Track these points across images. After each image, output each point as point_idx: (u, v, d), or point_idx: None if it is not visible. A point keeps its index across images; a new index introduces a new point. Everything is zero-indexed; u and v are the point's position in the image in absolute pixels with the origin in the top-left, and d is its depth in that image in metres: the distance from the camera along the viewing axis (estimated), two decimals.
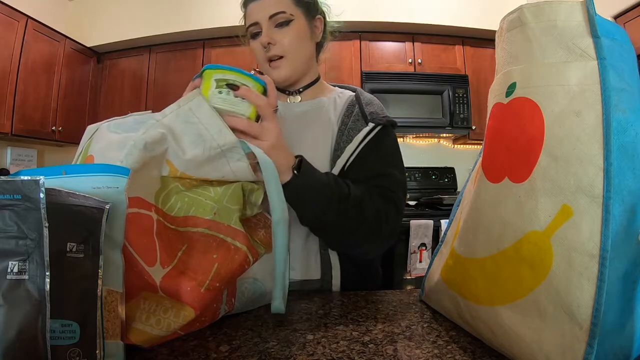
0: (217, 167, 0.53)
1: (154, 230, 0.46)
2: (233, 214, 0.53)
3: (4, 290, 0.30)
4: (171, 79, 2.72)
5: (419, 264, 2.07)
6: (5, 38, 2.17)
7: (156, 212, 0.48)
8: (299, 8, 0.74)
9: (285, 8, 0.72)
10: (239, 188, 0.55)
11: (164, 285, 0.45)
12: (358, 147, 0.73)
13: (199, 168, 0.52)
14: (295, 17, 0.73)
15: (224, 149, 0.52)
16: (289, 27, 0.73)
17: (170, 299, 0.46)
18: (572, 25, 0.40)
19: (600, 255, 0.34)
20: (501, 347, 0.43)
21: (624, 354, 0.37)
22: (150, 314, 0.45)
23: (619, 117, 0.37)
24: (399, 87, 2.53)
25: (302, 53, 0.76)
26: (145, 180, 0.48)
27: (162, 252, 0.46)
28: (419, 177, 2.78)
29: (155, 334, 0.45)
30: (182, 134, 0.51)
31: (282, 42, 0.73)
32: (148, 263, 0.44)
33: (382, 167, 0.74)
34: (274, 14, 0.71)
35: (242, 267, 0.52)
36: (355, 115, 0.77)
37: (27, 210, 0.32)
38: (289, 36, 0.73)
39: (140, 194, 0.46)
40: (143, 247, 0.44)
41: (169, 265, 0.46)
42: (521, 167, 0.42)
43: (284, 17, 0.72)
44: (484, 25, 2.54)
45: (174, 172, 0.51)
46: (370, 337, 0.49)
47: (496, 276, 0.43)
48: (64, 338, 0.34)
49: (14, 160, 2.55)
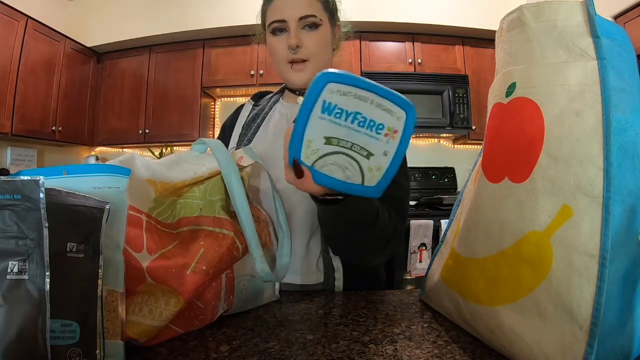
0: (184, 167, 0.57)
1: (143, 226, 0.48)
2: (215, 204, 0.55)
3: (4, 290, 0.30)
4: (171, 79, 2.72)
5: (419, 264, 2.07)
6: (5, 38, 2.17)
7: (147, 217, 0.50)
8: (326, 13, 0.74)
9: (315, 12, 0.71)
10: (219, 180, 0.57)
11: (150, 269, 0.45)
12: None
13: (169, 170, 0.56)
14: (323, 22, 0.73)
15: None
16: (317, 31, 0.72)
17: (160, 286, 0.46)
18: (572, 25, 0.40)
19: (600, 255, 0.34)
20: (501, 347, 0.43)
21: (624, 354, 0.37)
22: (143, 304, 0.46)
23: (619, 117, 0.37)
24: (399, 87, 2.50)
25: (325, 58, 0.75)
26: (131, 193, 0.50)
27: (150, 242, 0.47)
28: (419, 177, 2.78)
29: (148, 324, 0.45)
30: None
31: (308, 45, 0.71)
32: (135, 249, 0.45)
33: None
34: (306, 16, 0.70)
35: (230, 252, 0.53)
36: None
37: (27, 210, 0.32)
38: (315, 40, 0.72)
39: (129, 202, 0.48)
40: (130, 236, 0.45)
41: (155, 253, 0.47)
42: (521, 167, 0.42)
43: (314, 21, 0.71)
44: (484, 25, 2.54)
45: (155, 184, 0.54)
46: (370, 337, 0.49)
47: (496, 276, 0.43)
48: (64, 338, 0.34)
49: (14, 160, 2.55)
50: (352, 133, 0.42)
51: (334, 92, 0.40)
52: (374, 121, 0.42)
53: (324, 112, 0.41)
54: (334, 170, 0.44)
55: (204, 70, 2.69)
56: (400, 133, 0.43)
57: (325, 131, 0.42)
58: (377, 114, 0.42)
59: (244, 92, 2.82)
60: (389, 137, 0.43)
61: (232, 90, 2.80)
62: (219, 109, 3.01)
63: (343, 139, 0.43)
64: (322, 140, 0.43)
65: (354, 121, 0.42)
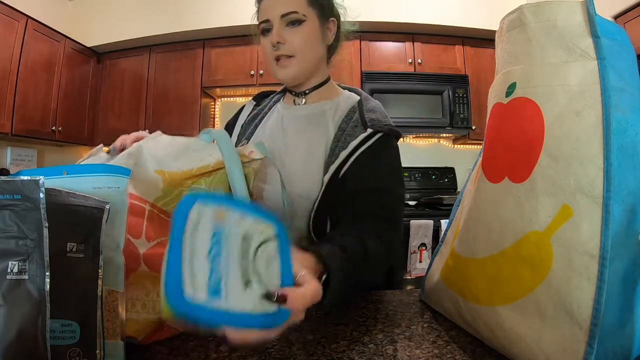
0: (191, 156, 0.57)
1: (145, 215, 0.48)
2: None
3: (4, 290, 0.30)
4: (171, 79, 2.72)
5: (419, 264, 2.07)
6: (5, 38, 2.17)
7: (151, 206, 0.50)
8: (313, 9, 0.74)
9: (298, 8, 0.71)
10: (224, 174, 0.58)
11: (146, 255, 0.46)
12: (354, 154, 0.70)
13: (176, 160, 0.56)
14: (307, 17, 0.72)
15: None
16: (300, 27, 0.72)
17: (151, 275, 0.46)
18: (572, 25, 0.40)
19: (600, 256, 0.34)
20: (501, 347, 0.43)
21: (624, 354, 0.37)
22: (135, 300, 0.46)
23: (619, 117, 0.37)
24: (399, 87, 2.53)
25: (312, 54, 0.75)
26: (139, 183, 0.50)
27: (149, 229, 0.48)
28: (419, 177, 2.78)
29: (144, 318, 0.45)
30: None
31: (292, 41, 0.72)
32: (133, 235, 0.45)
33: (383, 181, 0.70)
34: (287, 13, 0.71)
35: None
36: (355, 121, 0.75)
37: (27, 210, 0.32)
38: (299, 36, 0.72)
39: (135, 192, 0.49)
40: (131, 224, 0.45)
41: (154, 240, 0.47)
42: (521, 167, 0.42)
43: (296, 17, 0.71)
44: (484, 25, 2.54)
45: (163, 174, 0.54)
46: (370, 337, 0.49)
47: (496, 276, 0.43)
48: (64, 338, 0.34)
49: (14, 160, 2.55)
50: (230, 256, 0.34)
51: (202, 214, 0.34)
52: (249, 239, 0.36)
53: (196, 235, 0.33)
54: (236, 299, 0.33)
55: (204, 70, 2.69)
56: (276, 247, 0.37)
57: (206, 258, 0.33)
58: (251, 229, 0.36)
59: (244, 92, 2.82)
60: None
61: (232, 90, 2.80)
62: (219, 109, 3.00)
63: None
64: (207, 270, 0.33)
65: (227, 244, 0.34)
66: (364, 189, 0.68)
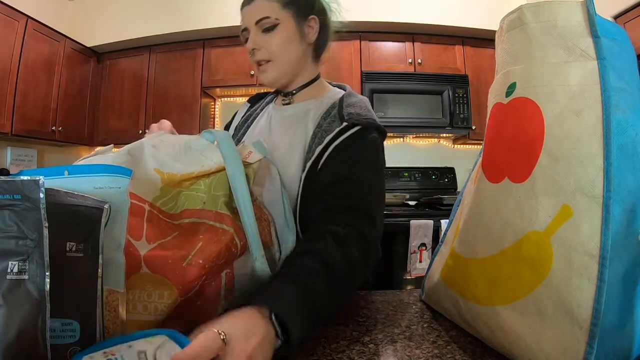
0: (192, 159, 0.57)
1: (144, 216, 0.48)
2: (219, 199, 0.56)
3: (4, 290, 0.30)
4: (171, 79, 2.72)
5: (419, 264, 2.07)
6: (6, 38, 2.17)
7: (150, 206, 0.50)
8: (288, 10, 0.74)
9: (269, 13, 0.72)
10: (224, 175, 0.57)
11: (147, 257, 0.45)
12: (329, 148, 0.68)
13: (176, 160, 0.56)
14: (281, 20, 0.73)
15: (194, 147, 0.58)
16: (275, 31, 0.73)
17: (152, 277, 0.46)
18: (572, 25, 0.40)
19: (600, 256, 0.34)
20: (501, 347, 0.43)
21: (624, 354, 0.37)
22: (136, 302, 0.46)
23: (619, 117, 0.37)
24: (399, 87, 2.53)
25: (290, 56, 0.76)
26: (138, 182, 0.50)
27: (149, 231, 0.47)
28: (419, 177, 2.78)
29: (145, 319, 0.45)
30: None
31: (268, 46, 0.73)
32: (134, 237, 0.45)
33: (355, 170, 0.66)
34: (259, 20, 0.73)
35: (228, 248, 0.53)
36: (332, 116, 0.73)
37: (27, 210, 0.32)
38: (274, 40, 0.73)
39: (133, 191, 0.48)
40: (131, 225, 0.45)
41: (154, 242, 0.47)
42: (521, 167, 0.42)
43: (269, 22, 0.73)
44: (484, 25, 2.54)
45: (162, 174, 0.54)
46: (370, 337, 0.49)
47: (496, 276, 0.43)
48: (64, 337, 0.34)
49: (14, 160, 2.55)
50: None
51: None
52: None
53: None
54: None
55: (204, 70, 2.69)
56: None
57: None
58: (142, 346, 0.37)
59: (244, 92, 2.82)
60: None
61: (232, 90, 2.80)
62: (219, 109, 3.00)
63: None
64: None
65: None
66: (334, 180, 0.66)
